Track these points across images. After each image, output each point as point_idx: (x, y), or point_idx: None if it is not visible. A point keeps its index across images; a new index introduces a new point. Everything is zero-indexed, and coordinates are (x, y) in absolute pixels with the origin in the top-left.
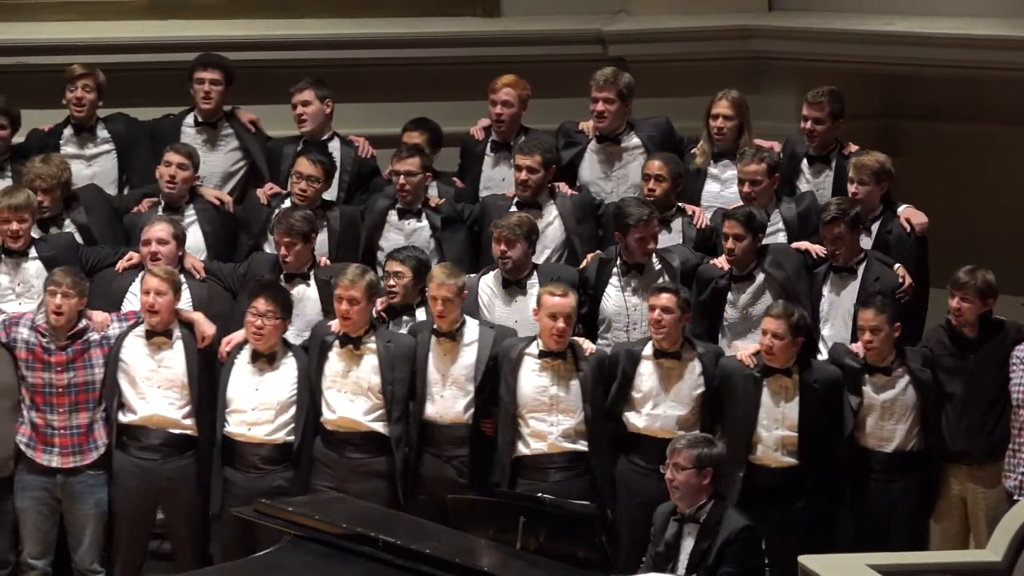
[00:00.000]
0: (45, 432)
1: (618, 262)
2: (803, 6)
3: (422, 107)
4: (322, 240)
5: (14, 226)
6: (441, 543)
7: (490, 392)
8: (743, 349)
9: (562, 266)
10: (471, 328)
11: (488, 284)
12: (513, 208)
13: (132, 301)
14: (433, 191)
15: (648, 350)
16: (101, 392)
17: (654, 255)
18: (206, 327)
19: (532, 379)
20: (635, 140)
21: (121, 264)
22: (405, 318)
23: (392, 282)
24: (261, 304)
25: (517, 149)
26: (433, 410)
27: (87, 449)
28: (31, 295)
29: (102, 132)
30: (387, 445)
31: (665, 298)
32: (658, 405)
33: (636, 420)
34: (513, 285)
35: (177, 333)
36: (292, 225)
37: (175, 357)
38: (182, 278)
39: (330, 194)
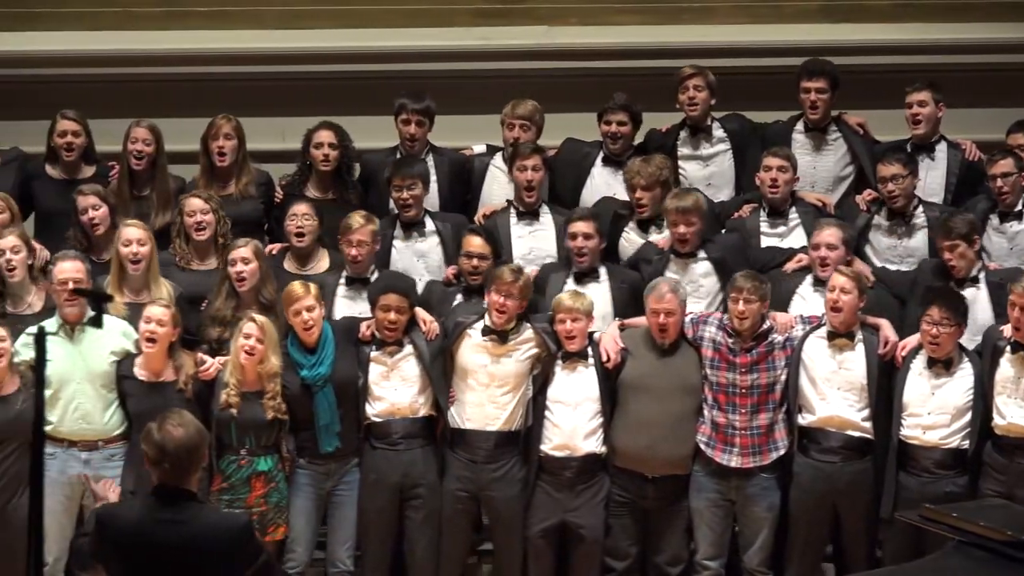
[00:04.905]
0: (726, 432)
1: None
2: None
3: None
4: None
5: (681, 229)
6: None
7: None
8: None
9: None
10: None
11: None
12: None
13: (798, 304)
14: None
15: None
16: (782, 394)
17: None
18: (889, 332)
19: None
20: None
21: (790, 265)
22: None
23: None
24: (936, 312)
25: None
26: None
27: (766, 450)
28: (699, 294)
29: (718, 132)
30: None
31: None
32: None
33: None
34: None
35: (859, 336)
36: (951, 228)
37: (856, 359)
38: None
39: (938, 197)
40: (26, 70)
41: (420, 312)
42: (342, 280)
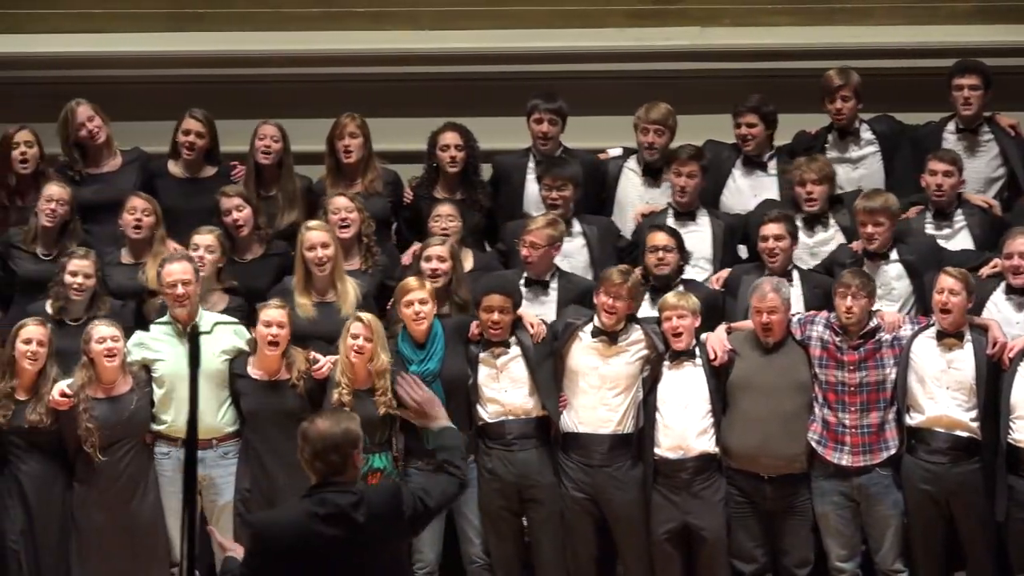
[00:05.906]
0: (836, 430)
1: None
2: None
3: None
4: None
5: (869, 229)
6: None
7: None
8: None
9: None
10: None
11: None
12: None
13: (991, 311)
14: None
15: None
16: (892, 392)
17: None
18: (998, 333)
19: None
20: None
21: (985, 270)
22: None
23: None
24: None
25: None
26: None
27: (877, 449)
28: (891, 297)
29: (866, 134)
30: None
31: None
32: None
33: None
34: None
35: (968, 336)
36: None
37: (965, 359)
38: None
39: None
40: (166, 71)
41: (527, 315)
42: (522, 281)
